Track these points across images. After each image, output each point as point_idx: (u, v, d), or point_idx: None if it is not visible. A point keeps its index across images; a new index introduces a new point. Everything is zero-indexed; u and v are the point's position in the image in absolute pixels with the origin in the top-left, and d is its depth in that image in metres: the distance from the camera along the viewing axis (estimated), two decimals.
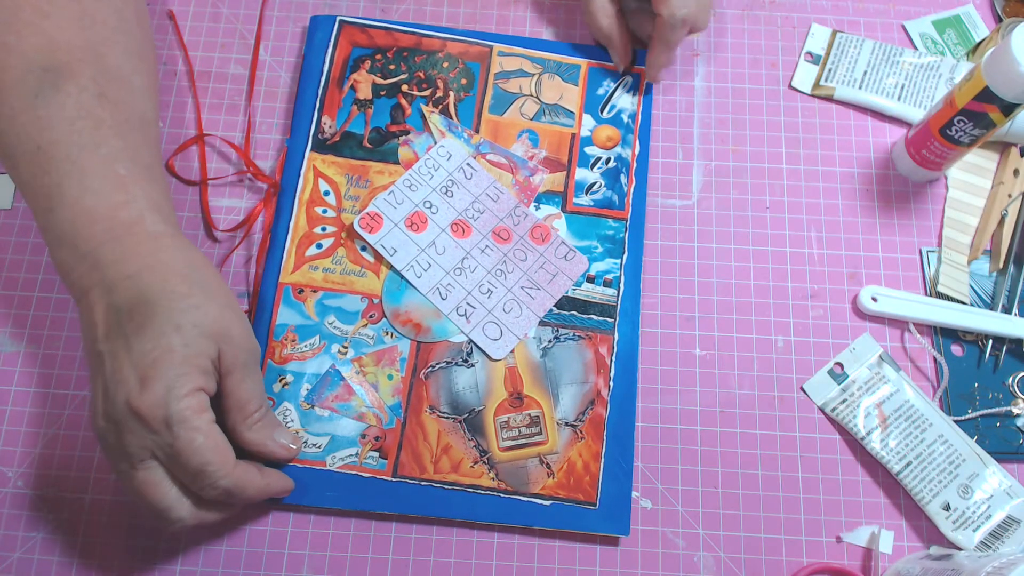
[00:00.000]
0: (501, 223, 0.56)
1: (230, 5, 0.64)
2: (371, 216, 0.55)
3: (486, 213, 0.56)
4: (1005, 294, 0.57)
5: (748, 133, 0.61)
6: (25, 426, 0.53)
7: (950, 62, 0.63)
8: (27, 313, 0.56)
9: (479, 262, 0.55)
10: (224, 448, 0.43)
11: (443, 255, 0.55)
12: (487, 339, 0.54)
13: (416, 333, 0.54)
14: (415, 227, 0.55)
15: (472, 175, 0.57)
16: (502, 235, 0.56)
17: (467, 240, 0.55)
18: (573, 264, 0.56)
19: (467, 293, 0.54)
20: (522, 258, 0.55)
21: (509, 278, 0.55)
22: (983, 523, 0.52)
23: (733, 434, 0.54)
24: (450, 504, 0.51)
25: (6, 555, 0.51)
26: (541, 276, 0.55)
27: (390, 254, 0.55)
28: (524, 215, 0.57)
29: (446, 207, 0.56)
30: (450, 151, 0.57)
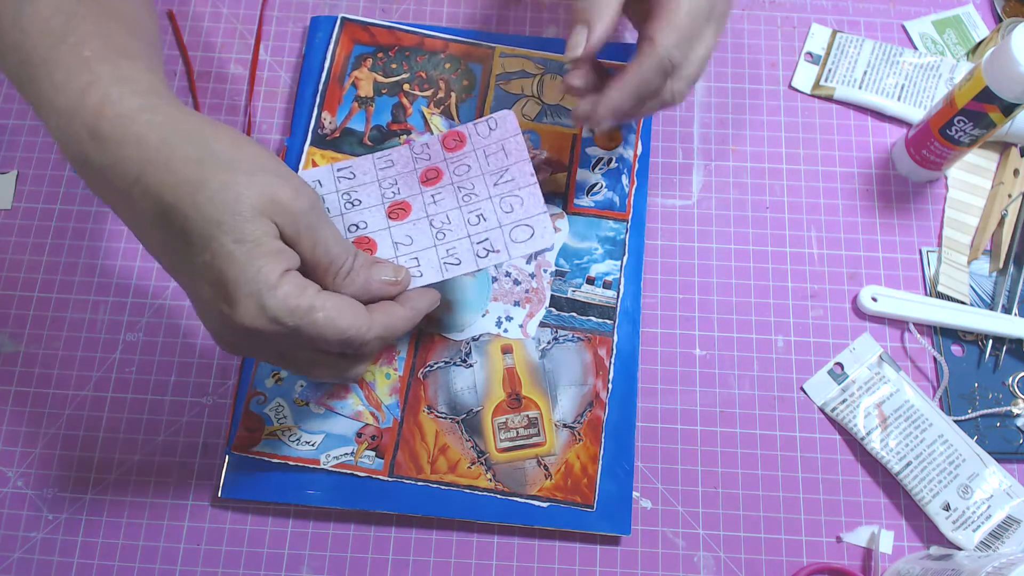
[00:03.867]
0: (416, 171, 0.50)
1: (230, 5, 0.64)
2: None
3: (399, 177, 0.50)
4: (1005, 294, 0.57)
5: (748, 133, 0.61)
6: (25, 426, 0.53)
7: (950, 62, 0.63)
8: (27, 313, 0.56)
9: (443, 210, 0.49)
10: (348, 307, 0.40)
11: (412, 242, 0.48)
12: (526, 242, 0.48)
13: (426, 323, 0.54)
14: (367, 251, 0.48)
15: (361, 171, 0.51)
16: (429, 175, 0.50)
17: (414, 211, 0.49)
18: (504, 125, 0.51)
19: (466, 237, 0.48)
20: (465, 170, 0.50)
21: (478, 191, 0.49)
22: (983, 523, 0.52)
23: (733, 434, 0.54)
24: (447, 504, 0.51)
25: (6, 555, 0.51)
26: (496, 161, 0.50)
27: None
28: (426, 144, 0.51)
29: (367, 213, 0.49)
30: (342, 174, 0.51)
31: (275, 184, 0.39)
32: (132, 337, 0.55)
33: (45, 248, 0.57)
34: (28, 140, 0.60)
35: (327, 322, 0.39)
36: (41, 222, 0.58)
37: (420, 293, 0.45)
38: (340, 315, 0.39)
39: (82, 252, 0.57)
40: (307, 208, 0.40)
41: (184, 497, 0.52)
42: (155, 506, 0.52)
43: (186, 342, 0.55)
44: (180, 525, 0.52)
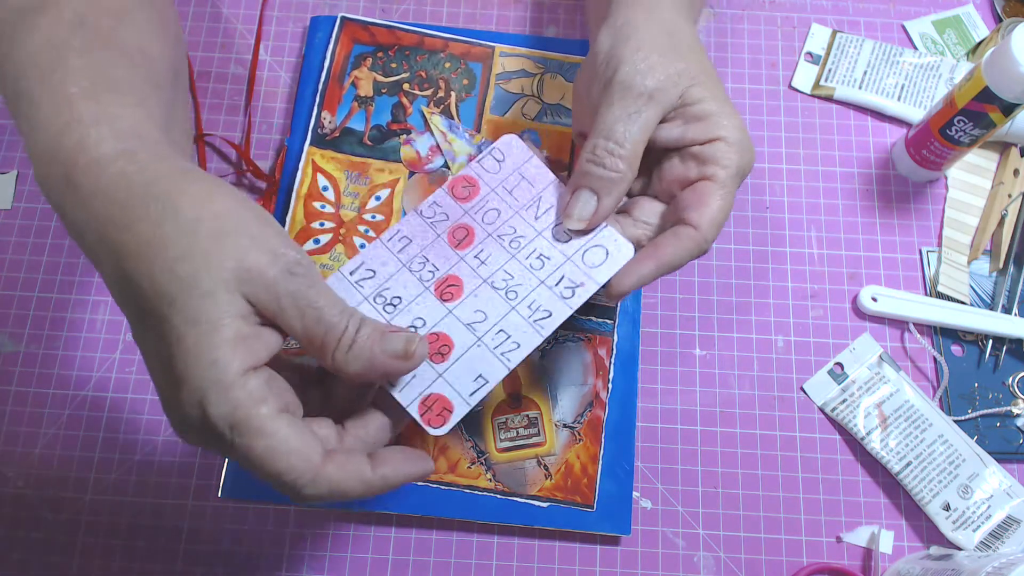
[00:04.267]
0: (440, 238, 0.43)
1: (230, 5, 0.64)
2: (437, 404, 0.40)
3: (425, 253, 0.43)
4: (1005, 294, 0.57)
5: (748, 133, 0.61)
6: (25, 426, 0.53)
7: (950, 62, 0.63)
8: (27, 313, 0.56)
9: (496, 267, 0.42)
10: (299, 447, 0.33)
11: (487, 316, 0.41)
12: (606, 263, 0.42)
13: None
14: (441, 352, 0.41)
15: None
16: (458, 236, 0.43)
17: (466, 282, 0.42)
18: (511, 152, 0.45)
19: (540, 284, 0.42)
20: (495, 216, 0.44)
21: (523, 232, 0.43)
22: (983, 523, 0.52)
23: (733, 434, 0.54)
24: (447, 504, 0.51)
25: (6, 555, 0.51)
26: (523, 194, 0.44)
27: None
28: (435, 204, 0.44)
29: (416, 308, 0.41)
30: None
31: (245, 249, 0.33)
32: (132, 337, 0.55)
33: (45, 248, 0.57)
34: None
35: (264, 454, 0.32)
36: (41, 222, 0.58)
37: (410, 459, 0.37)
38: (285, 453, 0.32)
39: (82, 253, 0.57)
40: (286, 273, 0.33)
41: (184, 497, 0.52)
42: (155, 506, 0.52)
43: None
44: (180, 525, 0.52)
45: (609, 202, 0.42)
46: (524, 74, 0.61)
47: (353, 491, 0.35)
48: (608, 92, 0.42)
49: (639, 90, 0.41)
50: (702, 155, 0.42)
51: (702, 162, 0.42)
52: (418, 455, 0.37)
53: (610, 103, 0.41)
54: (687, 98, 0.42)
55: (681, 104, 0.42)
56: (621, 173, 0.41)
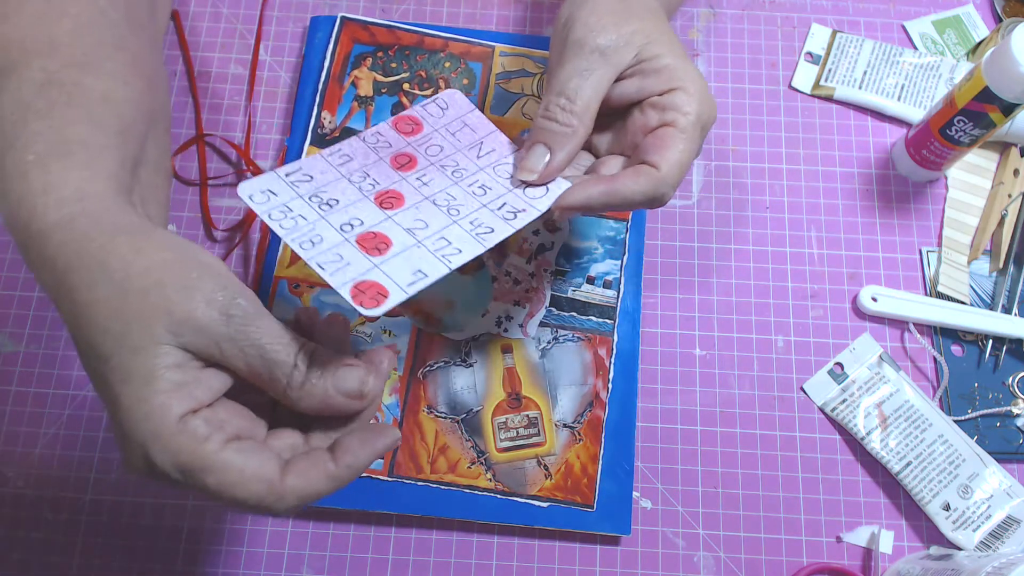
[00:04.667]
0: (383, 160, 0.44)
1: (230, 5, 0.64)
2: (371, 289, 0.38)
3: (367, 169, 0.43)
4: (1005, 294, 0.57)
5: (748, 133, 0.61)
6: (25, 426, 0.53)
7: (950, 62, 0.63)
8: (27, 313, 0.56)
9: (439, 189, 0.43)
10: (254, 472, 0.33)
11: (428, 225, 0.41)
12: (546, 196, 0.44)
13: (426, 323, 0.54)
14: (378, 247, 0.40)
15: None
16: (401, 160, 0.44)
17: (408, 196, 0.42)
18: (454, 103, 0.47)
19: (482, 207, 0.43)
20: (438, 151, 0.45)
21: (465, 166, 0.45)
22: (983, 523, 0.52)
23: (733, 434, 0.54)
24: (447, 504, 0.51)
25: (6, 555, 0.51)
26: (465, 137, 0.46)
27: (418, 281, 0.39)
28: (378, 132, 0.45)
29: (353, 209, 0.41)
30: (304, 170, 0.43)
31: (173, 300, 0.33)
32: None
33: None
34: None
35: (219, 488, 0.32)
36: None
37: (368, 439, 0.36)
38: (241, 482, 0.33)
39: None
40: (222, 317, 0.33)
41: (184, 497, 0.52)
42: (155, 506, 0.52)
43: None
44: (180, 525, 0.52)
45: (562, 156, 0.43)
46: (524, 73, 0.61)
47: (324, 489, 0.35)
48: (563, 53, 0.43)
49: (591, 48, 0.43)
50: (661, 104, 0.43)
51: (662, 110, 0.43)
52: (378, 430, 0.37)
53: (563, 62, 0.43)
54: (643, 55, 0.43)
55: (637, 61, 0.44)
56: (572, 128, 0.43)
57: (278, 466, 0.34)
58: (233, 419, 0.35)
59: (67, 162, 0.37)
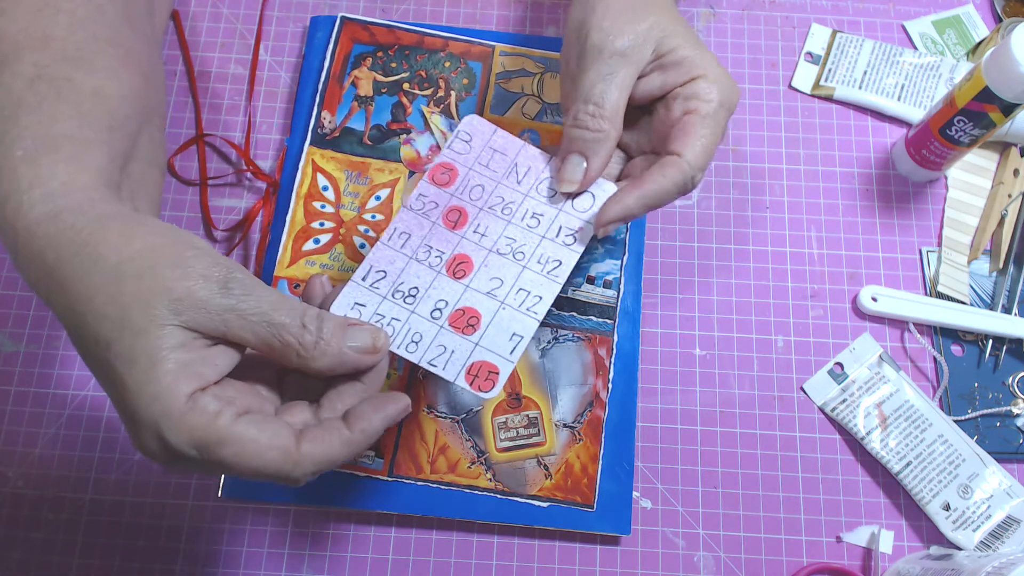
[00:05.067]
0: (436, 224, 0.44)
1: (230, 5, 0.64)
2: (482, 370, 0.40)
3: (427, 240, 0.43)
4: (1005, 294, 0.57)
5: (748, 133, 0.61)
6: (25, 426, 0.53)
7: (950, 62, 0.63)
8: (27, 313, 0.56)
9: (496, 235, 0.44)
10: (269, 440, 0.33)
11: (503, 282, 0.43)
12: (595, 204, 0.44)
13: None
14: (471, 323, 0.42)
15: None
16: (452, 218, 0.44)
17: (473, 257, 0.43)
18: (476, 131, 0.46)
19: (541, 238, 0.43)
20: (480, 191, 0.45)
21: (510, 198, 0.45)
22: (983, 523, 0.52)
23: (733, 434, 0.54)
24: (447, 504, 0.51)
25: (6, 555, 0.51)
26: (499, 164, 0.46)
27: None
28: (421, 195, 0.45)
29: (435, 292, 0.42)
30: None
31: (170, 279, 0.33)
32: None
33: None
34: None
35: (237, 460, 0.33)
36: None
37: (380, 404, 0.37)
38: (257, 452, 0.33)
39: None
40: (221, 290, 0.34)
41: (184, 497, 0.52)
42: (155, 506, 0.52)
43: None
44: (180, 525, 0.52)
45: (597, 162, 0.43)
46: (524, 73, 0.61)
47: (340, 455, 0.35)
48: (583, 60, 0.43)
49: (611, 51, 0.43)
50: (683, 94, 0.43)
51: (685, 100, 0.43)
52: (388, 397, 0.37)
53: (585, 69, 0.43)
54: (660, 49, 0.44)
55: (656, 57, 0.44)
56: (604, 132, 0.43)
57: (292, 434, 0.34)
58: (242, 395, 0.35)
59: (54, 157, 0.37)
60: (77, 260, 0.34)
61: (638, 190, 0.42)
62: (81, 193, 0.36)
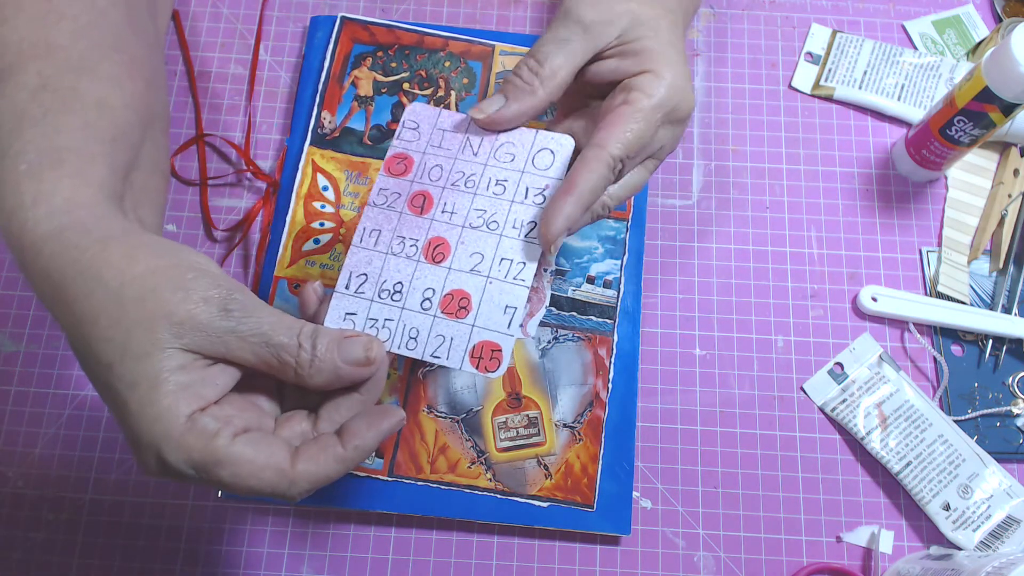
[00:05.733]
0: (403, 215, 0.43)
1: (230, 5, 0.64)
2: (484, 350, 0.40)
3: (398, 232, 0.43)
4: (1005, 294, 0.57)
5: (748, 133, 0.61)
6: (25, 426, 0.53)
7: (950, 62, 0.63)
8: (27, 313, 0.56)
9: (465, 210, 0.43)
10: (264, 461, 0.34)
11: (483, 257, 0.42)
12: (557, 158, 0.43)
13: None
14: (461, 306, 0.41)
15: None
16: (416, 203, 0.43)
17: (448, 238, 0.42)
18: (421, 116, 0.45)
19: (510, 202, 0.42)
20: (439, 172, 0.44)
21: (471, 170, 0.44)
22: (983, 523, 0.52)
23: (733, 434, 0.54)
24: (447, 504, 0.51)
25: (6, 555, 0.51)
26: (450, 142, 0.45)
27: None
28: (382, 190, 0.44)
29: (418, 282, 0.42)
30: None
31: (171, 303, 0.34)
32: None
33: None
34: None
35: (234, 480, 0.34)
36: None
37: (374, 420, 0.37)
38: (252, 472, 0.34)
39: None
40: (221, 313, 0.34)
41: (184, 497, 0.52)
42: (155, 506, 0.52)
43: None
44: (180, 525, 0.52)
45: (514, 107, 0.43)
46: None
47: (334, 472, 0.36)
48: (554, 20, 0.43)
49: (575, 19, 0.42)
50: (628, 85, 0.42)
51: (627, 90, 0.42)
52: (383, 412, 0.38)
53: (549, 28, 0.43)
54: (626, 36, 0.43)
55: (619, 42, 0.43)
56: (532, 88, 0.42)
57: (288, 453, 0.35)
58: (241, 413, 0.36)
59: (58, 172, 0.37)
60: (81, 280, 0.34)
61: (570, 194, 0.40)
62: (85, 211, 0.36)
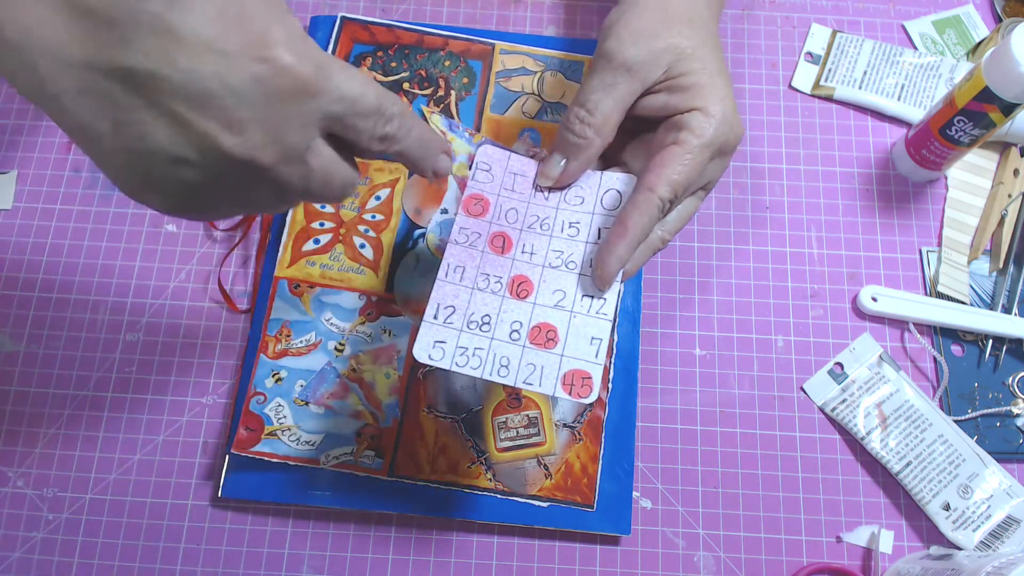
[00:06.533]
0: (484, 254, 0.45)
1: None
2: (576, 378, 0.42)
3: (481, 270, 0.44)
4: (1005, 294, 0.57)
5: (748, 133, 0.61)
6: (25, 426, 0.53)
7: (950, 62, 0.63)
8: (27, 313, 0.56)
9: (543, 250, 0.45)
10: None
11: (566, 294, 0.44)
12: (623, 200, 0.45)
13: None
14: (549, 337, 0.43)
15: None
16: (497, 244, 0.45)
17: (529, 275, 0.44)
18: (493, 159, 0.47)
19: (584, 243, 0.44)
20: (515, 215, 0.46)
21: (544, 214, 0.46)
22: (983, 523, 0.52)
23: (733, 434, 0.54)
24: (447, 504, 0.51)
25: (6, 555, 0.51)
26: (521, 185, 0.47)
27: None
28: (463, 229, 0.45)
29: (506, 316, 0.43)
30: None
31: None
32: (132, 337, 0.55)
33: (45, 248, 0.57)
34: (28, 140, 0.60)
35: (360, 88, 0.32)
36: (41, 222, 0.58)
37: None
38: (369, 83, 0.33)
39: (82, 252, 0.57)
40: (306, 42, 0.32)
41: (184, 497, 0.52)
42: (155, 506, 0.52)
43: (186, 342, 0.55)
44: (180, 525, 0.52)
45: (575, 165, 0.44)
46: (524, 72, 0.61)
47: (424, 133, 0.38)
48: (595, 62, 0.43)
49: (619, 62, 0.42)
50: (679, 123, 0.43)
51: (677, 129, 0.43)
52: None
53: (592, 72, 0.43)
54: (672, 71, 0.43)
55: (666, 77, 0.43)
56: (588, 140, 0.43)
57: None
58: None
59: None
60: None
61: (622, 237, 0.42)
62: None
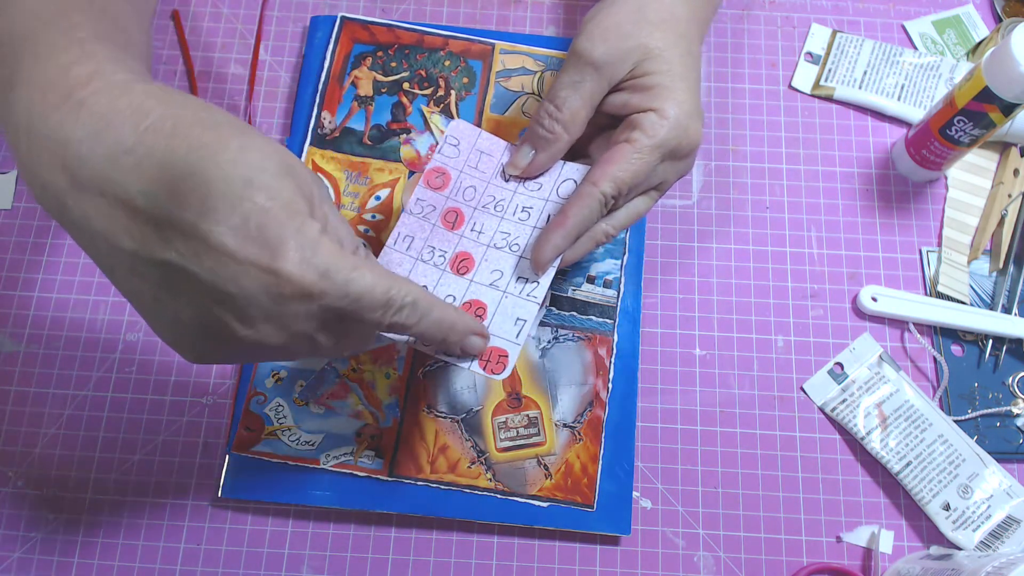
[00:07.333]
0: (436, 226, 0.47)
1: (230, 5, 0.64)
2: (492, 355, 0.44)
3: (429, 241, 0.46)
4: (1005, 294, 0.57)
5: (748, 133, 0.61)
6: (25, 426, 0.53)
7: (950, 62, 0.63)
8: (27, 313, 0.56)
9: (492, 231, 0.47)
10: (386, 271, 0.36)
11: (503, 274, 0.46)
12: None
13: None
14: (479, 314, 0.45)
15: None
16: (449, 219, 0.47)
17: (473, 253, 0.46)
18: (463, 134, 0.49)
19: (533, 228, 0.46)
20: (472, 192, 0.48)
21: (501, 195, 0.47)
22: (983, 523, 0.52)
23: (733, 434, 0.54)
24: (447, 504, 0.51)
25: (6, 555, 0.51)
26: (486, 164, 0.48)
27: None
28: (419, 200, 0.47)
29: (443, 288, 0.45)
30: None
31: (284, 151, 0.34)
32: (132, 337, 0.55)
33: (45, 248, 0.57)
34: None
35: (368, 285, 0.34)
36: (41, 222, 0.58)
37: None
38: (383, 276, 0.35)
39: (82, 252, 0.57)
40: (314, 178, 0.36)
41: (184, 497, 0.52)
42: (155, 506, 0.52)
43: None
44: (180, 525, 0.52)
45: (543, 157, 0.46)
46: (525, 71, 0.61)
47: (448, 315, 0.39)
48: (567, 59, 0.45)
49: (587, 59, 0.44)
50: (633, 122, 0.44)
51: (631, 128, 0.44)
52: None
53: (563, 69, 0.45)
54: (638, 70, 0.44)
55: (631, 76, 0.44)
56: (556, 135, 0.45)
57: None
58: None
59: (127, 52, 0.38)
60: (202, 111, 0.34)
61: (561, 228, 0.43)
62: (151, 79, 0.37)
